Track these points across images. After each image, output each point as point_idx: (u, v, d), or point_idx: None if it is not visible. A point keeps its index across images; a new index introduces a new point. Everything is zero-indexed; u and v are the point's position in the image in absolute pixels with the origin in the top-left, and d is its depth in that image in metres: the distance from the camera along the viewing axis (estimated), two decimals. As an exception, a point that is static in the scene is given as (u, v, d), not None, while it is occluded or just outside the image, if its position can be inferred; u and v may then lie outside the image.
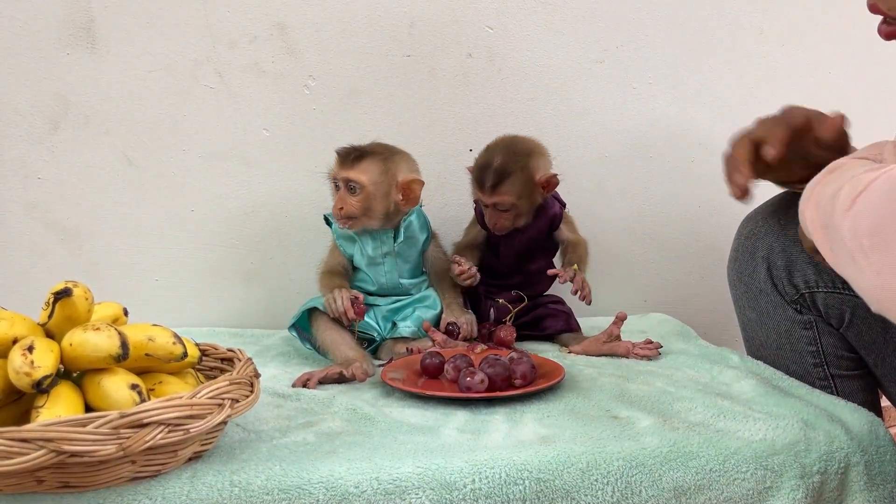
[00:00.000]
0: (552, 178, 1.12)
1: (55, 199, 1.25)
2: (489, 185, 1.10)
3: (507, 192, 1.10)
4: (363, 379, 0.94)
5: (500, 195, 1.10)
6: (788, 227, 0.94)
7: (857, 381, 0.94)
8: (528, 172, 1.11)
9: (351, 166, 1.05)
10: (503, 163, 1.10)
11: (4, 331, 0.67)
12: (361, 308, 1.02)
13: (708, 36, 1.37)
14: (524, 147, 1.13)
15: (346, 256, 1.12)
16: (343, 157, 1.06)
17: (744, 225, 1.01)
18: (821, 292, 0.92)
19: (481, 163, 1.12)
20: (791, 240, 0.93)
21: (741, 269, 1.00)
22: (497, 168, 1.10)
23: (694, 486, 0.70)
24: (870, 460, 0.74)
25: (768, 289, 0.96)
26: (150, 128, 1.25)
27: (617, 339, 1.08)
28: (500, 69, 1.32)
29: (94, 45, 1.23)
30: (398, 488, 0.66)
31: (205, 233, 1.29)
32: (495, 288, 1.19)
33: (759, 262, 0.97)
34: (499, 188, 1.10)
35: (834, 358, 0.94)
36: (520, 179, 1.10)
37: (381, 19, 1.28)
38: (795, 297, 0.94)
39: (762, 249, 0.96)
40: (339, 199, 1.06)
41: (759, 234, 0.97)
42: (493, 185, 1.10)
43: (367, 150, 1.06)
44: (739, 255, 1.00)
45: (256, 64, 1.26)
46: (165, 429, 0.61)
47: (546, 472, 0.68)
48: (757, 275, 0.97)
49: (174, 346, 0.72)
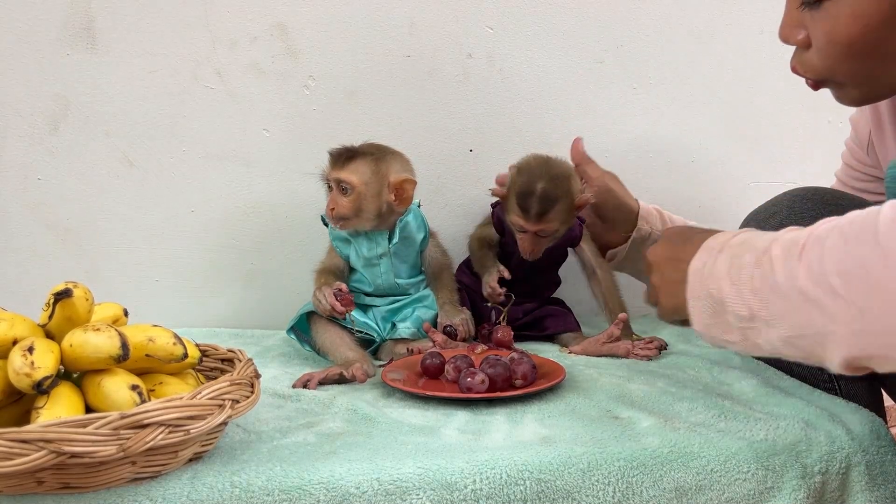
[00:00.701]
0: (588, 199, 1.10)
1: (55, 199, 1.25)
2: (535, 213, 1.05)
3: (553, 220, 1.07)
4: (363, 380, 0.94)
5: (547, 223, 1.07)
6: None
7: (861, 382, 0.94)
8: (570, 198, 1.08)
9: (342, 167, 1.05)
10: (547, 189, 1.05)
11: (4, 331, 0.67)
12: (347, 297, 1.01)
13: (708, 36, 1.37)
14: (563, 171, 1.09)
15: (342, 257, 1.11)
16: (335, 158, 1.06)
17: (744, 226, 1.01)
18: None
19: (523, 189, 1.06)
20: None
21: None
22: (542, 195, 1.05)
23: (695, 487, 0.70)
24: (871, 460, 0.74)
25: None
26: (150, 128, 1.25)
27: (617, 340, 1.08)
28: (500, 69, 1.32)
29: (94, 45, 1.23)
30: (399, 489, 0.66)
31: (205, 233, 1.29)
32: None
33: None
34: (545, 216, 1.06)
35: None
36: (564, 206, 1.07)
37: (381, 20, 1.28)
38: None
39: None
40: (331, 199, 1.06)
41: None
42: (538, 212, 1.05)
43: (359, 151, 1.06)
44: None
45: (256, 64, 1.26)
46: (166, 429, 0.61)
47: (547, 472, 0.68)
48: None
49: (174, 346, 0.72)
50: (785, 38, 0.74)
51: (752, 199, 1.38)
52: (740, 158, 1.42)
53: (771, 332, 0.60)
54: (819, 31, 0.69)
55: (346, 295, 1.01)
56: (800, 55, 0.74)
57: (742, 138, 1.41)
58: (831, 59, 0.69)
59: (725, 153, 1.41)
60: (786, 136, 1.41)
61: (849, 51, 0.67)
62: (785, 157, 1.44)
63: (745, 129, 1.41)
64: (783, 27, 0.74)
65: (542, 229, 1.08)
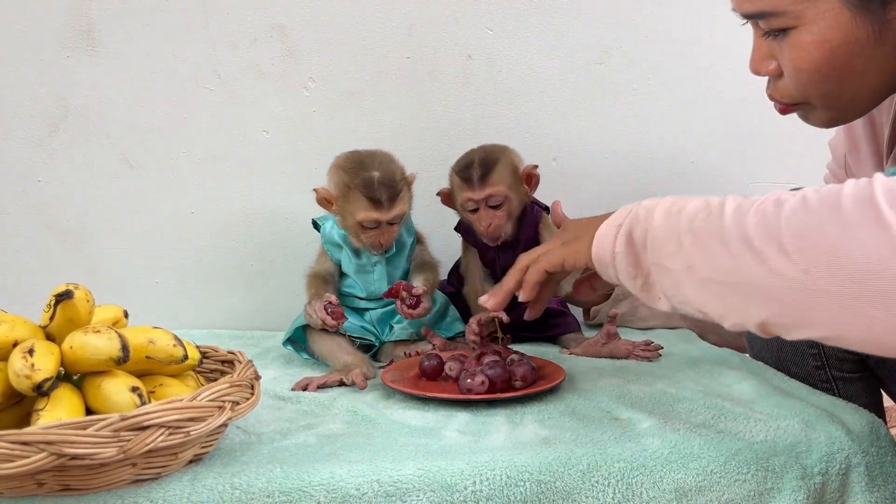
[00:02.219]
0: (533, 170, 1.12)
1: (56, 201, 1.25)
2: (478, 178, 1.08)
3: (497, 182, 1.09)
4: (364, 386, 0.93)
5: (492, 185, 1.09)
6: None
7: (859, 382, 0.94)
8: (511, 162, 1.11)
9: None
10: (484, 155, 1.10)
11: (5, 333, 0.67)
12: (338, 311, 1.00)
13: (708, 36, 1.37)
14: (497, 146, 1.14)
15: (334, 262, 1.11)
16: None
17: None
18: None
19: (462, 164, 1.11)
20: None
21: None
22: (480, 161, 1.09)
23: (695, 488, 0.70)
24: (871, 461, 0.74)
25: None
26: (150, 130, 1.25)
27: (615, 338, 1.08)
28: (499, 70, 1.32)
29: (94, 47, 1.23)
30: (399, 490, 0.66)
31: (205, 235, 1.29)
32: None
33: None
34: (488, 178, 1.08)
35: (835, 360, 0.94)
36: (506, 168, 1.10)
37: (380, 21, 1.28)
38: None
39: None
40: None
41: None
42: (481, 176, 1.08)
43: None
44: None
45: (256, 66, 1.26)
46: (166, 431, 0.61)
47: (547, 473, 0.68)
48: None
49: (174, 348, 0.72)
50: (756, 70, 0.76)
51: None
52: (740, 159, 1.42)
53: (691, 275, 0.60)
54: (787, 60, 0.70)
55: (336, 308, 1.00)
56: (774, 83, 0.75)
57: (741, 139, 1.41)
58: (803, 85, 0.71)
59: (725, 154, 1.41)
60: (784, 137, 1.41)
61: (818, 76, 0.69)
62: (784, 158, 1.44)
63: (745, 129, 1.41)
64: (753, 60, 0.76)
65: (489, 195, 1.09)
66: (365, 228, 1.04)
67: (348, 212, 1.04)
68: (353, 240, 1.07)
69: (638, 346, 1.07)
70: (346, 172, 1.04)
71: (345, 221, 1.06)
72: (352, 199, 1.03)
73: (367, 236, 1.05)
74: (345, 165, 1.05)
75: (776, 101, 0.76)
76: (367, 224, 1.03)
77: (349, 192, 1.03)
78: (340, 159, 1.07)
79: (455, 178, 1.12)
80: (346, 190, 1.03)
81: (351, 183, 1.02)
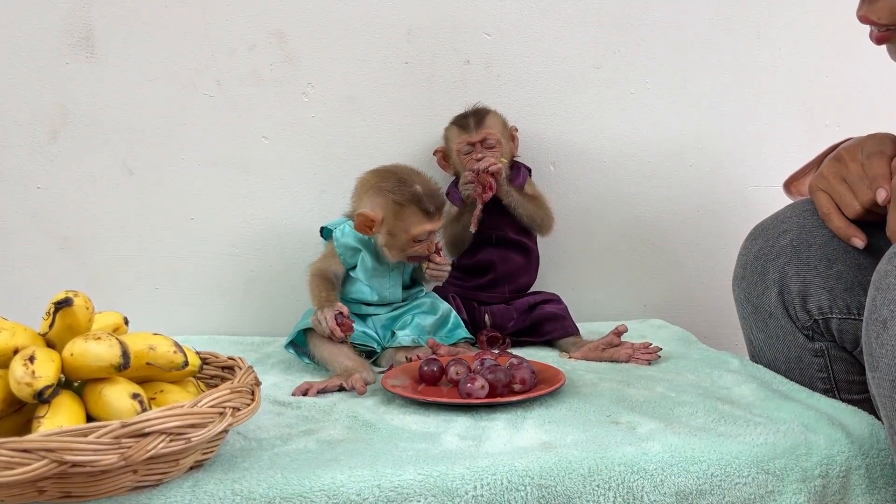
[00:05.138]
0: (515, 132, 1.25)
1: (55, 208, 1.25)
2: (474, 122, 1.19)
3: (492, 126, 1.20)
4: (364, 391, 0.93)
5: (487, 128, 1.19)
6: (802, 249, 0.91)
7: (867, 404, 0.93)
8: (500, 116, 1.23)
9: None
10: (477, 108, 1.22)
11: (5, 341, 0.67)
12: (348, 323, 1.00)
13: (705, 40, 1.38)
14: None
15: (345, 265, 1.10)
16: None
17: (751, 241, 0.98)
18: (835, 318, 0.89)
19: (457, 117, 1.23)
20: (805, 263, 0.90)
21: (749, 289, 0.97)
22: (475, 110, 1.22)
23: (696, 491, 0.70)
24: (871, 463, 0.74)
25: (779, 313, 0.93)
26: (149, 136, 1.26)
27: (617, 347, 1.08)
28: (498, 75, 1.32)
29: (94, 54, 1.23)
30: (400, 495, 0.66)
31: (204, 241, 1.29)
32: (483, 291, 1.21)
33: (770, 286, 0.93)
34: (483, 122, 1.20)
35: (845, 383, 0.93)
36: (497, 118, 1.22)
37: (379, 27, 1.28)
38: (808, 323, 0.91)
39: (773, 272, 0.93)
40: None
41: (771, 256, 0.94)
42: (477, 120, 1.19)
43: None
44: (748, 273, 0.97)
45: (255, 72, 1.26)
46: (167, 438, 0.61)
47: (548, 477, 0.68)
48: (767, 297, 0.94)
49: (175, 354, 0.72)
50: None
51: (753, 202, 1.40)
52: (739, 162, 1.42)
53: None
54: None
55: (346, 320, 1.00)
56: (870, 3, 0.72)
57: (740, 142, 1.41)
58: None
59: (724, 157, 1.42)
60: (784, 140, 1.41)
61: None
62: (783, 161, 1.44)
63: (744, 132, 1.41)
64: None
65: (485, 137, 1.19)
66: (416, 242, 1.04)
67: (401, 229, 1.03)
68: (397, 255, 1.05)
69: (638, 349, 1.07)
70: (391, 192, 1.03)
71: (394, 240, 1.04)
72: (405, 215, 1.02)
73: (417, 250, 1.05)
74: (386, 186, 1.04)
75: (872, 25, 0.72)
76: (421, 237, 1.04)
77: (401, 209, 1.02)
78: (375, 179, 1.06)
79: (452, 129, 1.22)
80: (398, 208, 1.02)
81: (402, 200, 1.02)
